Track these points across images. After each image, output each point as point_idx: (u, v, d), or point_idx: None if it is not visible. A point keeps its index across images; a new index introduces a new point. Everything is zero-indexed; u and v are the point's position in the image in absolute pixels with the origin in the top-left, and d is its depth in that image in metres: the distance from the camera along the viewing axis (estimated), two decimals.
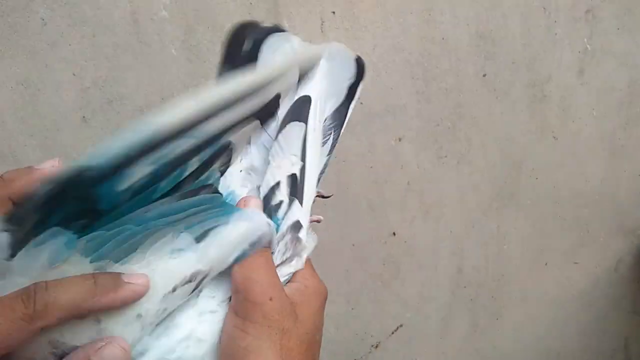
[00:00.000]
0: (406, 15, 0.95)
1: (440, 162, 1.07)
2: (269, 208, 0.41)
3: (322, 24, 0.94)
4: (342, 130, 0.47)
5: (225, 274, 0.37)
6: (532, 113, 1.08)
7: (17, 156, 0.94)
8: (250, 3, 0.92)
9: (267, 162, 0.43)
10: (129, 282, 0.31)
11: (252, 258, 0.37)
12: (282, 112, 0.44)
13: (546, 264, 1.27)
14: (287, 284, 0.41)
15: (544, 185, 1.16)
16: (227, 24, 0.92)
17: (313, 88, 0.45)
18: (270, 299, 0.35)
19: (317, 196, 0.45)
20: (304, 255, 0.42)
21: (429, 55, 0.99)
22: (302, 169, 0.43)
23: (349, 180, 1.05)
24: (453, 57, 1.00)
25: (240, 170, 0.43)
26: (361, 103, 1.00)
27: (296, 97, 0.44)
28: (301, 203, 0.41)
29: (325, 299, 0.41)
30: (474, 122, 1.06)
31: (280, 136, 0.43)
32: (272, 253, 0.39)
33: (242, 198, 0.40)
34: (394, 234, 1.12)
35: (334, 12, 0.94)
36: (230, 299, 0.36)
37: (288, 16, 0.93)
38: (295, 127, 0.44)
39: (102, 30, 0.89)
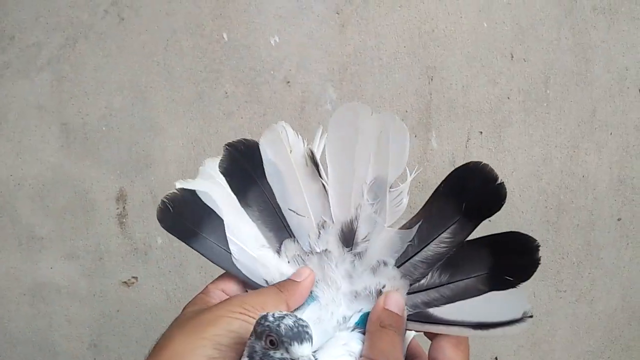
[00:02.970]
0: (551, 147, 0.99)
1: (559, 295, 1.06)
2: None
3: (467, 141, 1.00)
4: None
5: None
6: None
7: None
8: (406, 111, 1.00)
9: None
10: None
11: (388, 333, 0.44)
12: None
13: None
14: None
15: None
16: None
17: None
18: None
19: None
20: None
21: (566, 189, 1.01)
22: None
23: None
24: (590, 195, 1.01)
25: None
26: (489, 220, 1.02)
27: None
28: None
29: None
30: (601, 264, 1.04)
31: None
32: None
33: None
34: (496, 359, 1.09)
35: (481, 132, 1.00)
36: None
37: (437, 128, 1.00)
38: None
39: (272, 111, 1.00)
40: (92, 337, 1.13)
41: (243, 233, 0.50)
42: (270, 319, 0.40)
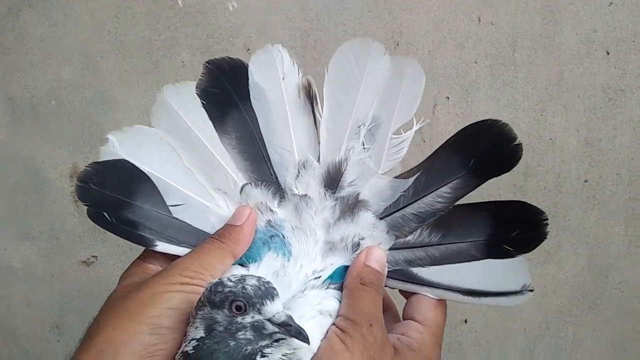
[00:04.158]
0: (519, 111, 0.98)
1: (526, 257, 1.06)
2: None
3: (434, 107, 0.98)
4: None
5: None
6: (627, 227, 1.06)
7: None
8: None
9: None
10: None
11: (369, 291, 0.42)
12: None
13: None
14: (402, 336, 0.42)
15: (630, 301, 1.12)
16: None
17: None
18: (370, 325, 0.39)
19: None
20: None
21: (533, 152, 1.00)
22: None
23: None
24: (557, 158, 1.01)
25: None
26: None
27: None
28: None
29: None
30: (567, 225, 1.05)
31: None
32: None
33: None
34: (466, 321, 1.10)
35: (448, 97, 0.98)
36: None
37: None
38: None
39: None
40: (54, 318, 1.10)
41: (193, 181, 0.45)
42: (230, 284, 0.36)
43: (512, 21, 0.93)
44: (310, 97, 0.46)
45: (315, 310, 0.40)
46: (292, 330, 0.36)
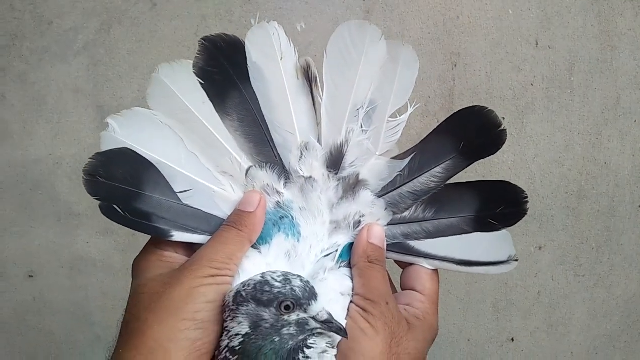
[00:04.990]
0: (574, 134, 1.00)
1: (577, 280, 1.07)
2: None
3: None
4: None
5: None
6: None
7: None
8: (429, 96, 1.01)
9: None
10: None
11: (377, 269, 0.45)
12: None
13: None
14: (408, 306, 0.45)
15: None
16: None
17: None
18: (387, 303, 0.42)
19: None
20: None
21: (587, 175, 1.02)
22: None
23: (479, 275, 1.08)
24: (612, 182, 1.02)
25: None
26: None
27: None
28: None
29: (434, 338, 0.45)
30: (620, 249, 1.05)
31: None
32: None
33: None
34: (513, 339, 1.11)
35: (504, 118, 1.01)
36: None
37: None
38: None
39: None
40: None
41: (198, 165, 0.45)
42: (277, 284, 0.39)
43: (570, 45, 0.96)
44: (309, 78, 0.46)
45: (338, 293, 0.43)
46: (333, 327, 0.39)
